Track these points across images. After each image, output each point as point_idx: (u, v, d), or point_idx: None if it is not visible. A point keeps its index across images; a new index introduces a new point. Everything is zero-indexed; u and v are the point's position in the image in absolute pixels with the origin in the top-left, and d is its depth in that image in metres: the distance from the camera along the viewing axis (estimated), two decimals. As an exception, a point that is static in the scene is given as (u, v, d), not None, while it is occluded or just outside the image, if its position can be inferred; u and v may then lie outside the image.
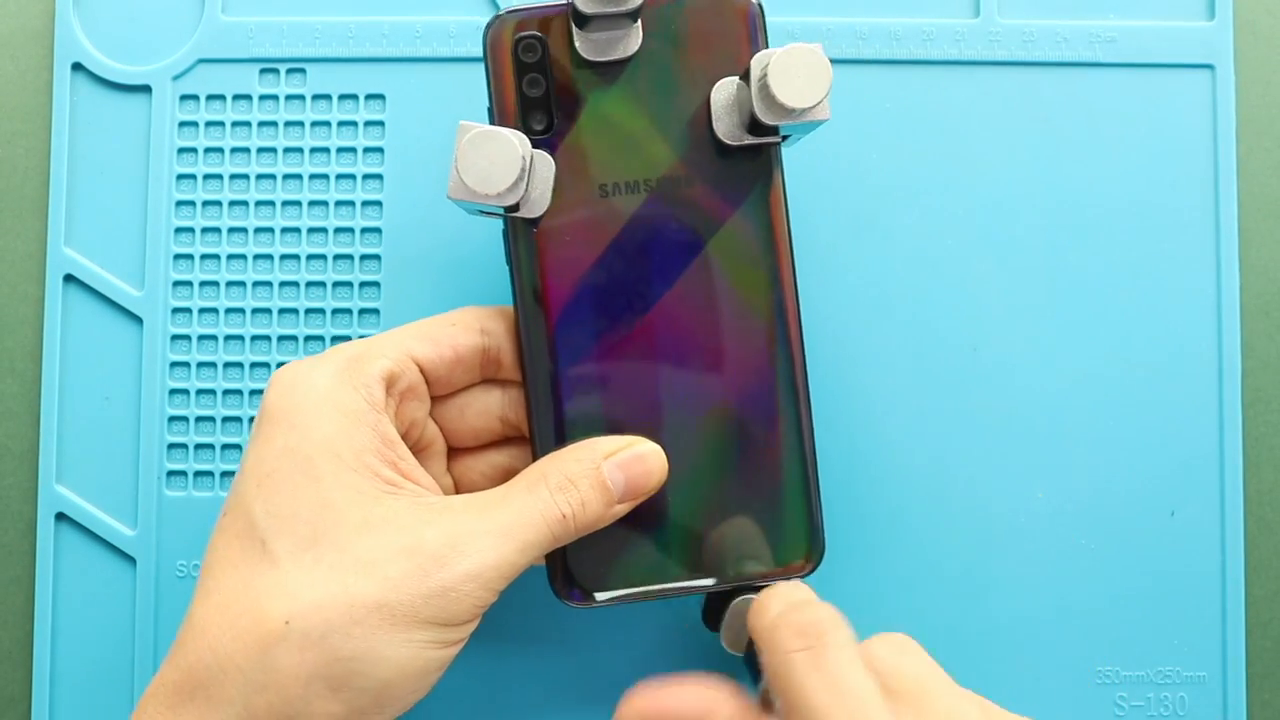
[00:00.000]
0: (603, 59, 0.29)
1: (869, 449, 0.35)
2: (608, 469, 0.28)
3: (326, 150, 0.36)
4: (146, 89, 0.36)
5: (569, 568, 0.30)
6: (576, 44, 0.29)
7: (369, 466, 0.27)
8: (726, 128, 0.29)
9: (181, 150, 0.36)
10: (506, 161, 0.27)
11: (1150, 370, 0.35)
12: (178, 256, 0.35)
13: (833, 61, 0.35)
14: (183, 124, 0.36)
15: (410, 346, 0.29)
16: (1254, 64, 0.36)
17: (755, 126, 0.29)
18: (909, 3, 0.36)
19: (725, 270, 0.30)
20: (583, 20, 0.28)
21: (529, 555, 0.27)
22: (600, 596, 0.30)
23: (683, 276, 0.30)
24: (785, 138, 0.30)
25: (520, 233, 0.29)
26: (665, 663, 0.34)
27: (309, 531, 0.26)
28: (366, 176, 0.36)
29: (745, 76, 0.29)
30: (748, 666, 0.30)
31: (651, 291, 0.30)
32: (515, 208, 0.29)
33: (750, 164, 0.30)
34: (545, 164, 0.29)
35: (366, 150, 0.36)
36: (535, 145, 0.29)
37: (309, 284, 0.35)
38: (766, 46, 0.29)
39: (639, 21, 0.29)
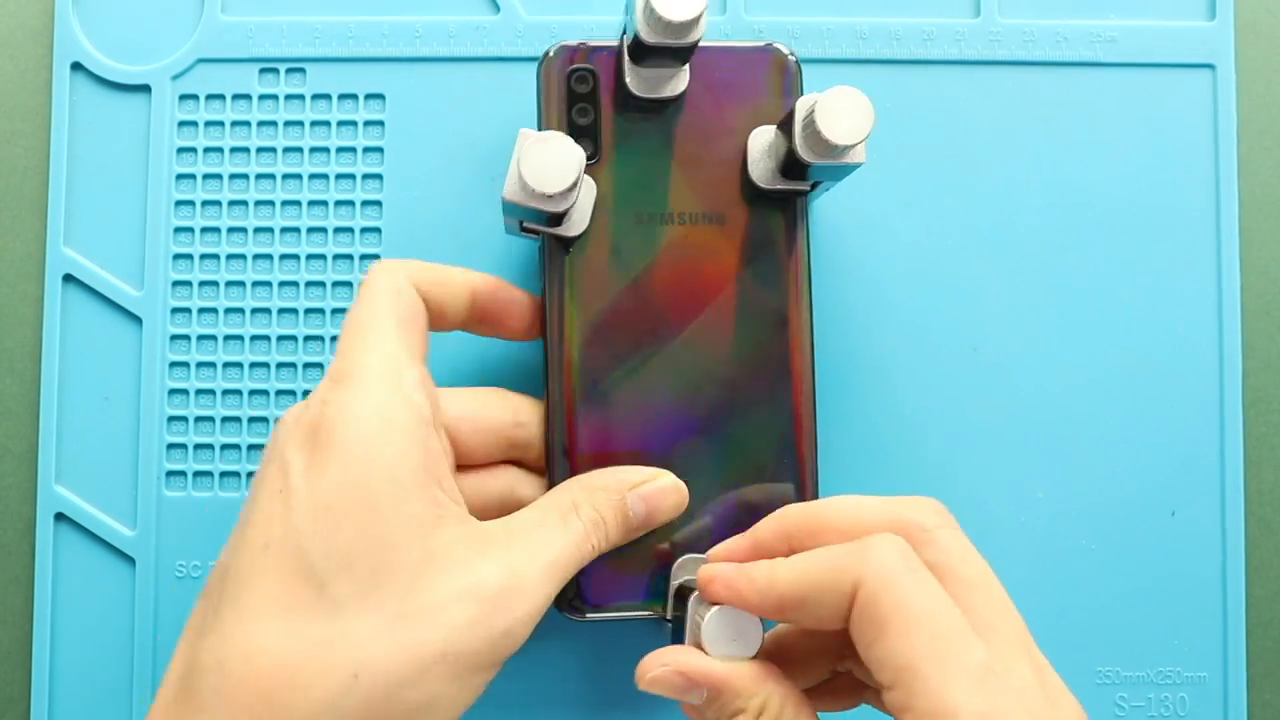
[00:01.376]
0: (650, 96, 0.31)
1: (869, 448, 0.35)
2: (632, 500, 0.29)
3: (326, 150, 0.36)
4: (146, 89, 0.36)
5: (572, 583, 0.30)
6: (627, 79, 0.30)
7: (423, 488, 0.26)
8: (761, 171, 0.31)
9: (181, 150, 0.36)
10: (565, 163, 0.28)
11: (1151, 370, 0.35)
12: (177, 256, 0.35)
13: (833, 62, 0.36)
14: (182, 124, 0.36)
15: (410, 342, 0.28)
16: (1255, 64, 0.36)
17: (788, 170, 0.30)
18: (909, 2, 0.36)
19: (746, 308, 0.31)
20: (640, 54, 0.29)
21: (561, 586, 0.28)
22: (593, 616, 0.31)
23: (706, 309, 0.31)
24: (814, 186, 0.31)
25: (556, 251, 0.31)
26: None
27: (370, 574, 0.25)
28: (366, 176, 0.36)
29: (781, 125, 0.30)
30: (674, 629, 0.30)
31: (676, 319, 0.31)
32: (558, 222, 0.30)
33: (778, 210, 0.31)
34: (588, 187, 0.30)
35: (366, 150, 0.36)
36: None
37: (308, 284, 0.35)
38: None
39: (687, 65, 0.30)
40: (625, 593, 0.31)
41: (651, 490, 0.30)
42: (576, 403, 0.31)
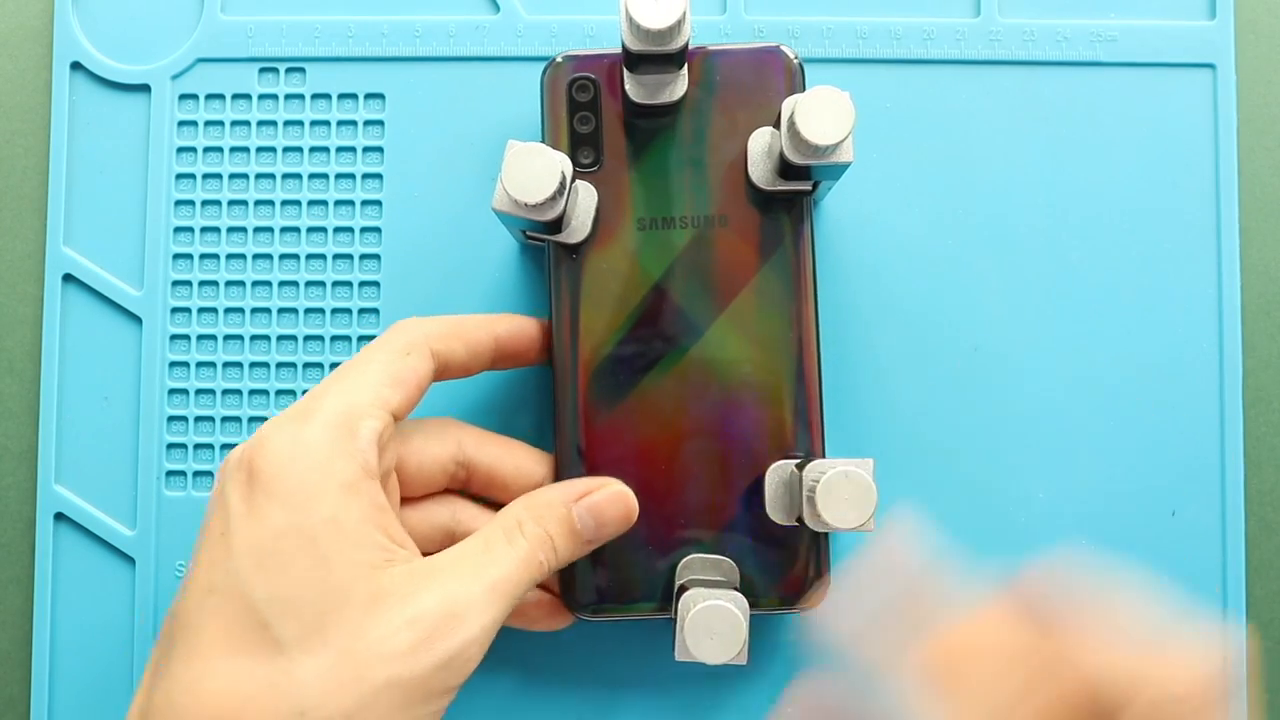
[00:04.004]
0: (650, 102, 0.31)
1: (868, 449, 0.35)
2: (578, 512, 0.29)
3: (326, 150, 0.36)
4: (145, 88, 0.36)
5: (581, 584, 0.31)
6: (626, 87, 0.31)
7: (369, 537, 0.27)
8: (761, 173, 0.31)
9: (180, 150, 0.36)
10: (546, 174, 0.28)
11: (1151, 370, 0.35)
12: (177, 256, 0.35)
13: (833, 61, 0.36)
14: (182, 123, 0.36)
15: (385, 397, 0.28)
16: (1255, 63, 0.36)
17: (786, 170, 0.30)
18: (909, 2, 0.36)
19: (753, 310, 0.31)
20: (633, 62, 0.30)
21: (513, 605, 0.28)
22: (601, 617, 0.31)
23: (712, 311, 0.31)
24: (816, 185, 0.31)
25: (561, 258, 0.31)
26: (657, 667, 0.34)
27: (315, 614, 0.26)
28: (366, 176, 0.36)
29: (776, 126, 0.30)
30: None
31: (682, 322, 0.31)
32: (557, 229, 0.30)
33: (783, 211, 0.31)
34: (589, 193, 0.31)
35: (366, 150, 0.36)
36: (582, 178, 0.31)
37: (308, 284, 0.35)
38: None
39: (685, 69, 0.31)
40: (633, 593, 0.31)
41: (597, 499, 0.30)
42: (585, 406, 0.31)
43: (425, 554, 0.29)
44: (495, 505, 0.32)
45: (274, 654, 0.25)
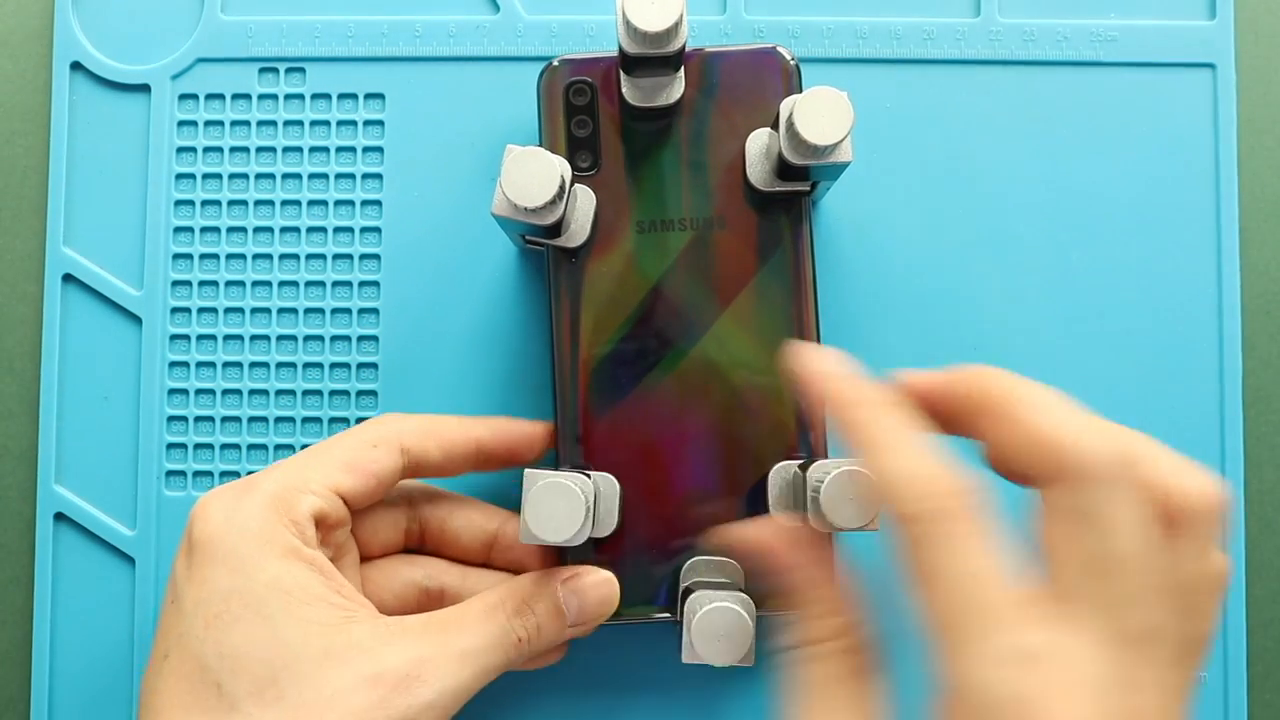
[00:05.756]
0: (647, 105, 0.31)
1: (869, 449, 0.35)
2: (564, 594, 0.29)
3: (326, 150, 0.36)
4: (145, 88, 0.36)
5: None
6: (624, 90, 0.31)
7: (321, 598, 0.27)
8: (759, 174, 0.31)
9: (180, 150, 0.36)
10: (545, 178, 0.28)
11: (1151, 369, 0.35)
12: (177, 256, 0.35)
13: (833, 61, 0.36)
14: (182, 123, 0.36)
15: (335, 480, 0.29)
16: (1255, 63, 0.36)
17: (784, 170, 0.30)
18: (909, 2, 0.36)
19: (753, 311, 0.31)
20: (630, 65, 0.30)
21: (484, 679, 0.28)
22: (612, 619, 0.31)
23: (712, 313, 0.31)
24: (814, 186, 0.31)
25: (560, 262, 0.31)
26: (661, 666, 0.34)
27: (267, 670, 0.26)
28: (366, 176, 0.36)
29: (776, 123, 0.30)
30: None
31: (682, 324, 0.31)
32: (556, 233, 0.30)
33: (781, 212, 0.31)
34: (587, 197, 0.31)
35: (366, 150, 0.36)
36: (580, 181, 0.31)
37: (308, 284, 0.35)
38: None
39: (682, 71, 0.31)
40: (638, 596, 0.31)
41: (585, 583, 0.30)
42: (585, 410, 0.31)
43: (398, 613, 0.29)
44: (473, 564, 0.32)
45: (227, 711, 0.26)
